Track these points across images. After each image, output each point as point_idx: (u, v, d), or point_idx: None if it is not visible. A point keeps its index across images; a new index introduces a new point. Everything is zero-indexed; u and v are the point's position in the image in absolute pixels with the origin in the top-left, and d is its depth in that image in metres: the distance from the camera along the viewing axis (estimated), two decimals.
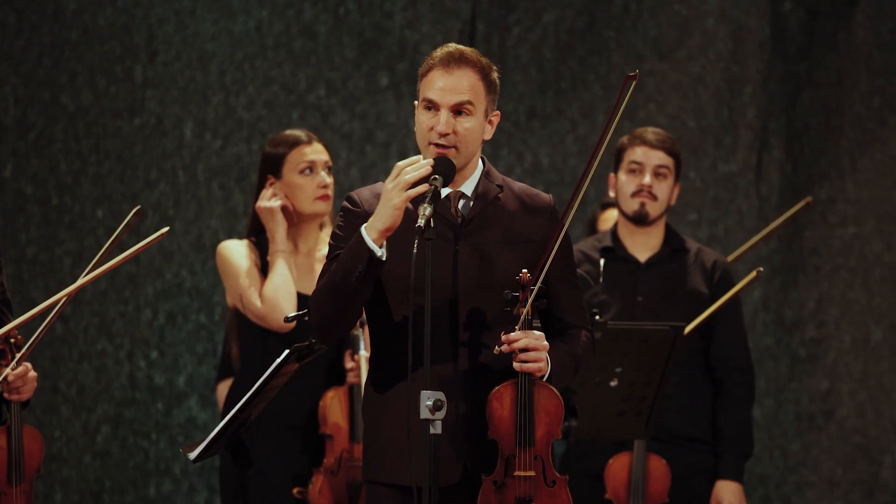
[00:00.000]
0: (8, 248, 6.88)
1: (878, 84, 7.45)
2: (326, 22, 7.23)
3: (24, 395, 4.72)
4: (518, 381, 4.01)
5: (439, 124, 4.02)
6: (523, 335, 3.99)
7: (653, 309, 5.60)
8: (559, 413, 4.04)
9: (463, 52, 4.06)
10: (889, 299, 7.42)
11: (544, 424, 4.03)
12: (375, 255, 3.92)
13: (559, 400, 4.04)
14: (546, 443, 4.03)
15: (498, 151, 7.33)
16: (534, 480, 3.99)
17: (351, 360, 5.37)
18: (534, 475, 3.99)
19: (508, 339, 3.99)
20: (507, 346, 3.98)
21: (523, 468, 3.99)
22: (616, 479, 5.46)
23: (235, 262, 5.40)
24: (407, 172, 3.93)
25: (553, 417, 4.03)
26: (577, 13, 7.42)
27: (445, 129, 4.02)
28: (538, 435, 4.02)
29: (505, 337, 3.99)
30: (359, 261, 3.93)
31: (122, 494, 6.99)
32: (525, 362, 3.99)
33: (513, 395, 4.01)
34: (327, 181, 5.39)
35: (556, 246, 4.05)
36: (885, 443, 7.37)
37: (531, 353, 3.98)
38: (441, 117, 4.03)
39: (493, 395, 4.00)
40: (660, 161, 5.65)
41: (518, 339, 3.98)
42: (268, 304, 5.28)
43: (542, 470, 4.01)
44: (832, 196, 7.43)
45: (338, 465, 5.29)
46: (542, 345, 4.00)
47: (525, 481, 3.99)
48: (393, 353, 4.05)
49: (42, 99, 6.99)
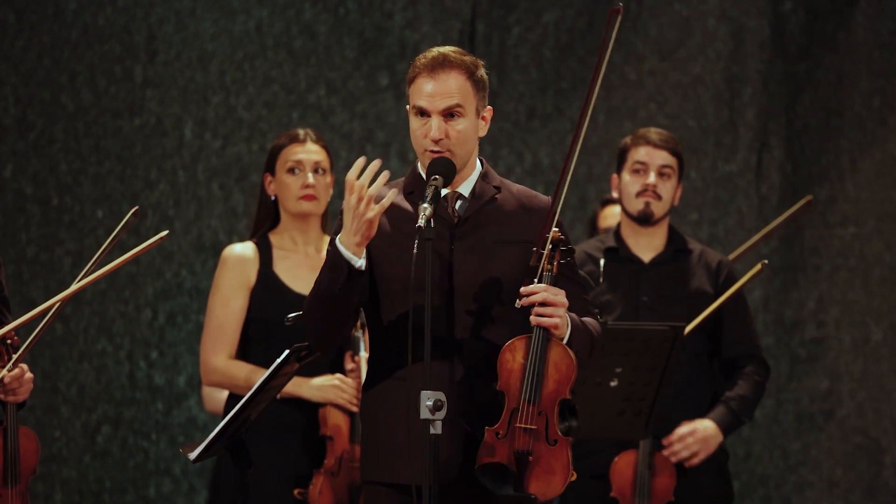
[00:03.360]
0: (8, 248, 6.88)
1: (878, 84, 7.45)
2: (326, 22, 7.23)
3: (20, 396, 4.71)
4: (532, 335, 3.98)
5: (431, 131, 4.03)
6: (542, 288, 3.96)
7: (656, 309, 5.60)
8: (570, 373, 3.99)
9: (446, 56, 4.06)
10: (889, 299, 7.42)
11: (553, 381, 3.99)
12: (355, 267, 3.92)
13: (572, 360, 3.99)
14: (553, 400, 3.99)
15: (498, 151, 7.33)
16: (535, 435, 3.97)
17: (351, 362, 5.37)
18: (535, 429, 3.97)
19: (528, 290, 3.96)
20: (526, 298, 3.97)
21: (526, 421, 3.97)
22: (621, 478, 5.46)
23: (223, 293, 5.43)
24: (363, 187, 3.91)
25: (563, 376, 3.99)
26: (577, 13, 7.42)
27: (438, 134, 4.03)
28: (545, 391, 3.98)
29: (524, 289, 3.97)
30: (339, 273, 3.94)
31: (122, 494, 6.99)
32: (541, 316, 3.97)
33: (526, 348, 3.98)
34: (310, 181, 5.41)
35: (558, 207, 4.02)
36: (886, 443, 7.38)
37: (548, 307, 3.96)
38: (433, 123, 4.03)
39: (507, 347, 3.98)
40: (664, 161, 5.65)
41: (536, 291, 3.97)
42: (214, 374, 5.37)
43: (545, 426, 3.99)
44: (832, 196, 7.43)
45: (338, 466, 5.29)
46: (561, 301, 3.97)
47: (526, 433, 3.96)
48: (391, 353, 4.06)
49: (42, 99, 6.98)
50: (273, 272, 5.42)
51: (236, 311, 5.40)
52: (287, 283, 5.40)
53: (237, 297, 5.41)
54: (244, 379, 5.28)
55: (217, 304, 5.42)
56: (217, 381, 5.40)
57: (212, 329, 5.41)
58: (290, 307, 4.89)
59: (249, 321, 5.41)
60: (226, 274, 5.43)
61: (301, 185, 5.43)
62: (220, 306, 5.41)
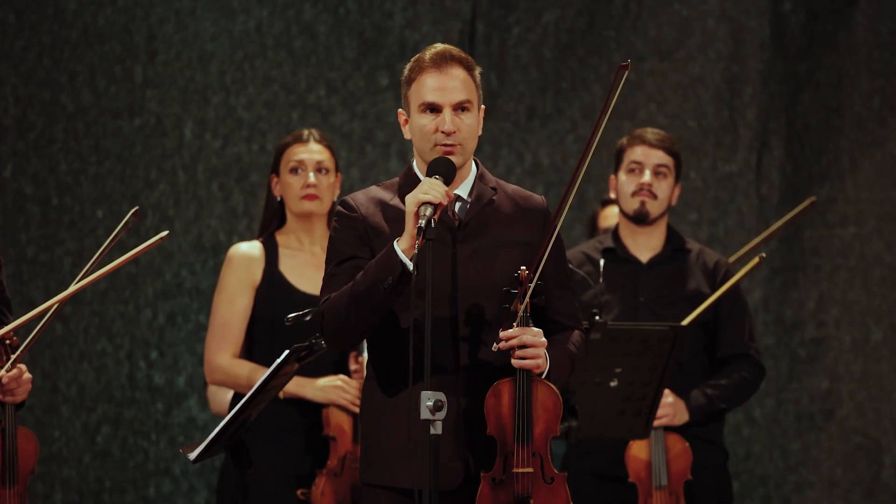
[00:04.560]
0: (8, 248, 6.88)
1: (878, 84, 7.45)
2: (326, 22, 7.23)
3: (18, 396, 4.70)
4: (516, 378, 4.00)
5: (445, 124, 4.03)
6: (521, 331, 3.98)
7: (655, 309, 5.60)
8: (557, 410, 4.03)
9: (451, 51, 4.09)
10: (889, 299, 7.42)
11: (542, 421, 4.02)
12: (408, 269, 3.91)
13: (557, 397, 4.03)
14: (544, 439, 4.02)
15: (498, 151, 7.33)
16: (532, 477, 3.99)
17: (355, 363, 5.38)
18: (532, 472, 3.99)
19: (506, 335, 3.98)
20: (505, 342, 3.98)
21: (521, 465, 3.98)
22: (637, 462, 5.45)
23: (229, 291, 5.43)
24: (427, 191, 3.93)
25: (551, 414, 4.02)
26: (577, 13, 7.42)
27: (452, 127, 4.03)
28: (536, 432, 4.01)
29: (503, 333, 3.99)
30: (389, 273, 3.92)
31: (122, 494, 6.99)
32: (523, 359, 3.98)
33: (511, 392, 4.00)
34: (311, 181, 5.42)
35: (550, 243, 4.05)
36: (886, 443, 7.38)
37: (529, 349, 3.98)
38: (446, 116, 4.04)
39: (492, 392, 4.00)
40: (659, 160, 5.65)
41: (516, 335, 3.98)
42: (218, 372, 5.36)
43: (541, 466, 4.01)
44: (832, 196, 7.43)
45: (341, 466, 5.29)
46: (540, 341, 4.00)
47: (523, 478, 3.98)
48: (393, 354, 4.05)
49: (42, 99, 6.98)
50: (279, 271, 5.43)
51: (241, 309, 5.40)
52: (293, 282, 5.40)
53: (242, 295, 5.41)
54: (246, 378, 5.29)
55: (222, 303, 5.42)
56: (220, 379, 5.41)
57: (216, 327, 5.41)
58: (296, 306, 4.90)
59: (254, 320, 5.41)
60: (231, 273, 5.44)
61: (303, 184, 5.44)
62: (224, 305, 5.41)
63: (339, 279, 4.06)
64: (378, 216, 4.09)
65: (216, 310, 5.43)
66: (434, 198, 3.90)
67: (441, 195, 3.91)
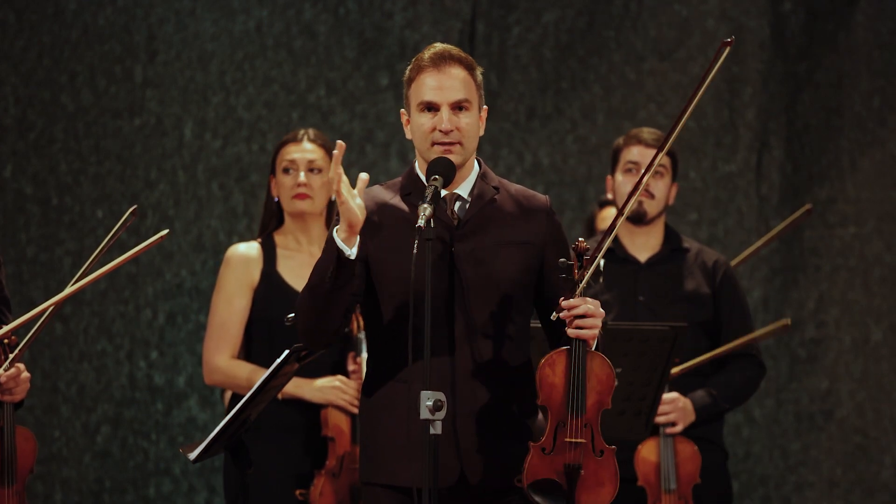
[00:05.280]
0: (8, 248, 6.88)
1: (878, 84, 7.45)
2: (326, 22, 7.23)
3: (16, 396, 4.71)
4: (571, 348, 3.99)
5: (442, 122, 4.03)
6: (582, 301, 3.98)
7: (654, 309, 5.60)
8: (611, 382, 4.02)
9: (450, 51, 4.10)
10: (889, 299, 7.42)
11: (596, 392, 4.01)
12: (344, 255, 3.91)
13: (611, 369, 4.02)
14: (597, 411, 4.02)
15: (498, 151, 7.33)
16: (583, 448, 3.99)
17: (353, 363, 5.38)
18: (584, 442, 3.99)
19: (569, 304, 3.97)
20: (567, 311, 3.97)
21: (574, 435, 3.98)
22: (646, 465, 5.46)
23: (227, 292, 5.44)
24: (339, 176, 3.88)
25: (605, 386, 4.02)
26: (577, 13, 7.42)
27: (449, 125, 4.04)
28: (590, 402, 4.01)
29: (565, 302, 3.97)
30: (330, 261, 3.93)
31: (122, 494, 6.99)
32: (580, 329, 3.98)
33: (566, 362, 3.99)
34: (301, 180, 5.42)
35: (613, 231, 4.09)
36: (885, 443, 7.38)
37: (588, 319, 3.98)
38: (443, 115, 4.04)
39: (546, 362, 3.99)
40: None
41: (577, 304, 3.97)
42: (216, 373, 5.36)
43: (592, 438, 4.01)
44: (832, 196, 7.43)
45: (339, 466, 5.29)
46: (599, 312, 3.99)
47: (575, 448, 3.98)
48: (391, 354, 4.05)
49: (42, 99, 6.99)
50: (276, 272, 5.43)
51: (239, 310, 5.41)
52: (290, 282, 5.40)
53: (240, 296, 5.42)
54: (245, 379, 5.29)
55: (220, 304, 5.42)
56: (219, 380, 5.41)
57: (214, 328, 5.41)
58: (294, 307, 4.90)
59: (253, 321, 5.42)
60: (229, 273, 5.44)
61: (294, 184, 5.44)
62: (223, 306, 5.42)
63: None
64: (377, 215, 4.09)
65: (214, 311, 5.44)
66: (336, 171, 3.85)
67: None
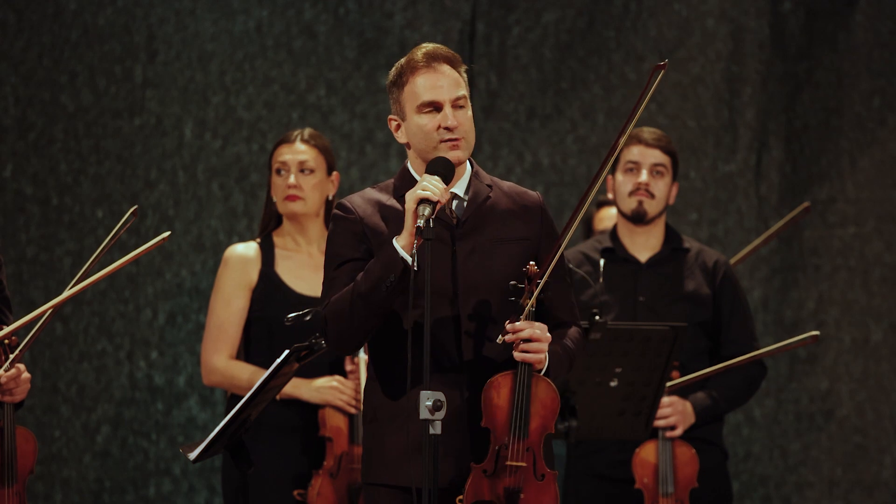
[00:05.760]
0: (8, 248, 6.88)
1: (878, 84, 7.45)
2: (326, 22, 7.23)
3: (17, 396, 4.71)
4: (517, 372, 4.01)
5: (448, 119, 4.05)
6: (528, 325, 4.00)
7: (654, 309, 5.61)
8: (555, 407, 4.04)
9: (440, 49, 4.13)
10: (889, 299, 7.42)
11: (539, 417, 4.03)
12: (409, 265, 3.91)
13: (556, 394, 4.04)
14: (539, 435, 4.03)
15: (498, 151, 7.33)
16: (524, 472, 3.99)
17: (351, 364, 5.38)
18: (524, 466, 4.00)
19: (514, 328, 3.99)
20: (512, 335, 3.99)
21: (515, 458, 3.99)
22: (644, 468, 5.46)
23: (225, 293, 5.44)
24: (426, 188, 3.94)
25: (548, 411, 4.04)
26: (577, 13, 7.42)
27: (455, 121, 4.05)
28: (532, 427, 4.02)
29: (510, 326, 4.00)
30: (391, 271, 3.92)
31: (122, 494, 6.99)
32: (526, 353, 3.99)
33: (511, 385, 4.01)
34: (292, 182, 5.42)
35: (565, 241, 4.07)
36: (885, 443, 7.37)
37: (533, 343, 3.99)
38: (447, 111, 4.06)
39: (491, 384, 4.00)
40: (656, 159, 5.66)
41: (523, 328, 3.99)
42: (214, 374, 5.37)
43: (534, 462, 4.02)
44: (832, 196, 7.43)
45: (337, 467, 5.29)
46: (545, 336, 4.01)
47: (516, 471, 3.99)
48: (393, 354, 4.05)
49: (42, 99, 6.98)
50: (275, 272, 5.43)
51: (237, 311, 5.41)
52: (288, 283, 5.40)
53: (238, 297, 5.42)
54: (244, 379, 5.29)
55: (218, 304, 5.42)
56: (217, 381, 5.41)
57: (213, 329, 5.41)
58: (292, 307, 4.90)
59: (251, 321, 5.42)
60: (227, 274, 5.44)
61: (285, 185, 5.44)
62: (221, 306, 5.41)
63: (339, 282, 4.07)
64: (376, 217, 4.09)
65: (212, 311, 5.43)
66: (433, 194, 3.91)
67: (440, 192, 3.92)
